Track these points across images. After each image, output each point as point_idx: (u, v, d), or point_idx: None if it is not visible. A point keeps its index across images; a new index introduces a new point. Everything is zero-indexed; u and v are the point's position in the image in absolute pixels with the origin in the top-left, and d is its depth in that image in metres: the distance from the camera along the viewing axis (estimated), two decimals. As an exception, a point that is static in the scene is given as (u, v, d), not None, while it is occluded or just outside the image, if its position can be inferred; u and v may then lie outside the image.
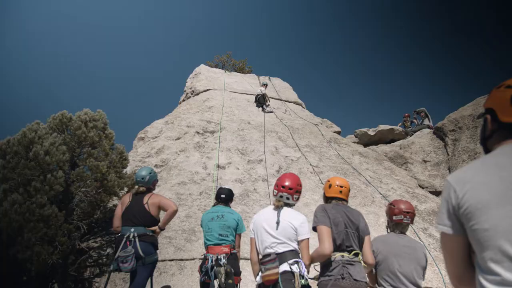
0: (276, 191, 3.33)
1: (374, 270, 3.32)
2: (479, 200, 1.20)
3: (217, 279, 3.86)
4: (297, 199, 3.38)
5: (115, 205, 6.45)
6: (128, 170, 6.88)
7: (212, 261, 3.91)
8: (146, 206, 4.21)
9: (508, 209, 1.14)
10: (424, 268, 3.29)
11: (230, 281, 3.81)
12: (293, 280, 2.93)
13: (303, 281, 2.94)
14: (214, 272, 3.84)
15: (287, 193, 3.28)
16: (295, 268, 2.99)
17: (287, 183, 3.30)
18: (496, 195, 1.17)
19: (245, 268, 5.24)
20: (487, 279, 1.16)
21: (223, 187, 4.70)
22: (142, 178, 4.37)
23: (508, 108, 1.33)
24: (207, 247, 4.11)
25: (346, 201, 3.44)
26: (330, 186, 3.47)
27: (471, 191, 1.23)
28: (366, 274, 3.29)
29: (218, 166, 8.56)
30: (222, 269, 3.82)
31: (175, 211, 4.33)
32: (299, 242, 3.16)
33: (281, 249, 3.11)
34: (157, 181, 4.75)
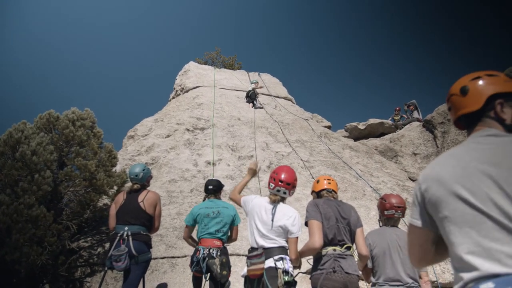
0: (273, 185, 3.30)
1: (370, 264, 3.28)
2: (436, 192, 1.24)
3: (209, 272, 3.85)
4: (293, 193, 3.40)
5: (105, 204, 6.39)
6: (118, 168, 6.82)
7: (203, 253, 3.89)
8: (141, 204, 4.15)
9: (464, 197, 1.15)
10: None
11: (224, 272, 3.80)
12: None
13: (286, 278, 2.98)
14: (206, 264, 3.82)
15: (285, 188, 3.28)
16: (279, 264, 3.03)
17: (285, 178, 3.28)
18: (449, 184, 1.21)
19: (237, 264, 5.25)
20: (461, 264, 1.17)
21: (211, 178, 4.66)
22: (136, 175, 4.30)
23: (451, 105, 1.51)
24: (199, 238, 4.09)
25: (336, 192, 3.46)
26: (318, 181, 3.56)
27: (429, 182, 1.28)
28: (361, 269, 3.31)
29: (213, 164, 8.53)
30: (217, 260, 3.81)
31: (155, 231, 4.47)
32: (288, 239, 3.19)
33: (268, 244, 3.14)
34: (151, 177, 4.69)
